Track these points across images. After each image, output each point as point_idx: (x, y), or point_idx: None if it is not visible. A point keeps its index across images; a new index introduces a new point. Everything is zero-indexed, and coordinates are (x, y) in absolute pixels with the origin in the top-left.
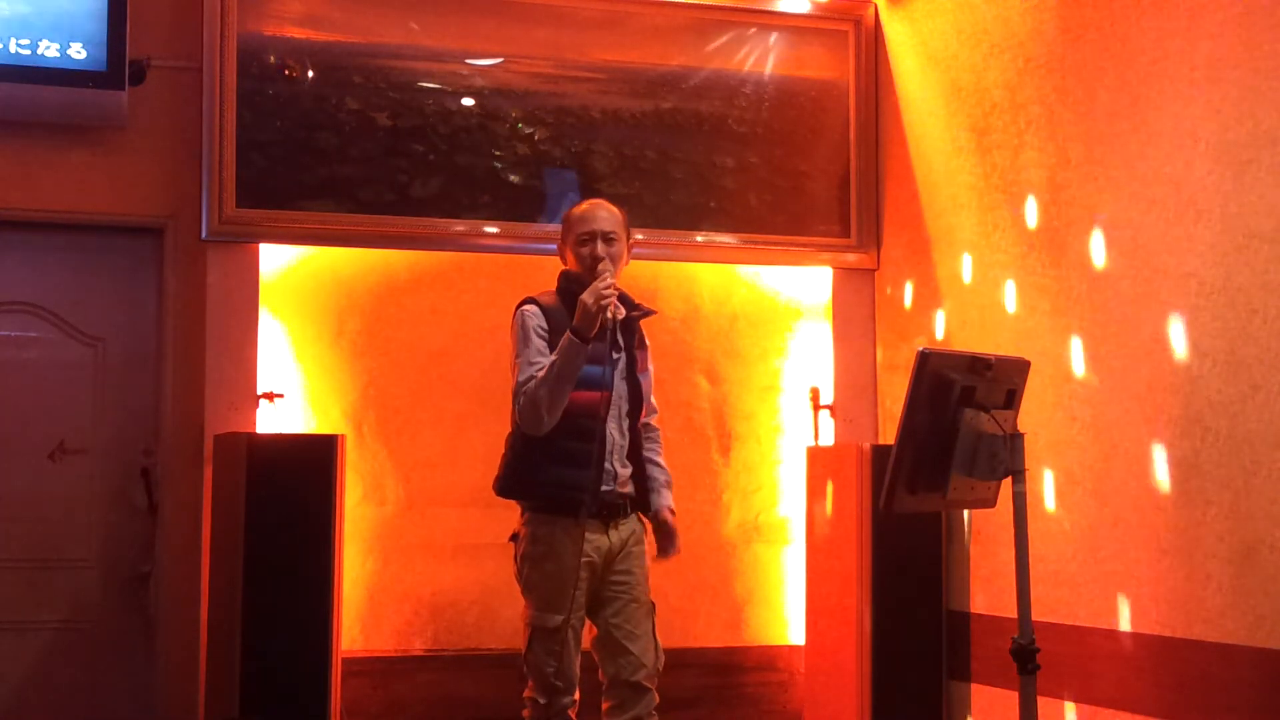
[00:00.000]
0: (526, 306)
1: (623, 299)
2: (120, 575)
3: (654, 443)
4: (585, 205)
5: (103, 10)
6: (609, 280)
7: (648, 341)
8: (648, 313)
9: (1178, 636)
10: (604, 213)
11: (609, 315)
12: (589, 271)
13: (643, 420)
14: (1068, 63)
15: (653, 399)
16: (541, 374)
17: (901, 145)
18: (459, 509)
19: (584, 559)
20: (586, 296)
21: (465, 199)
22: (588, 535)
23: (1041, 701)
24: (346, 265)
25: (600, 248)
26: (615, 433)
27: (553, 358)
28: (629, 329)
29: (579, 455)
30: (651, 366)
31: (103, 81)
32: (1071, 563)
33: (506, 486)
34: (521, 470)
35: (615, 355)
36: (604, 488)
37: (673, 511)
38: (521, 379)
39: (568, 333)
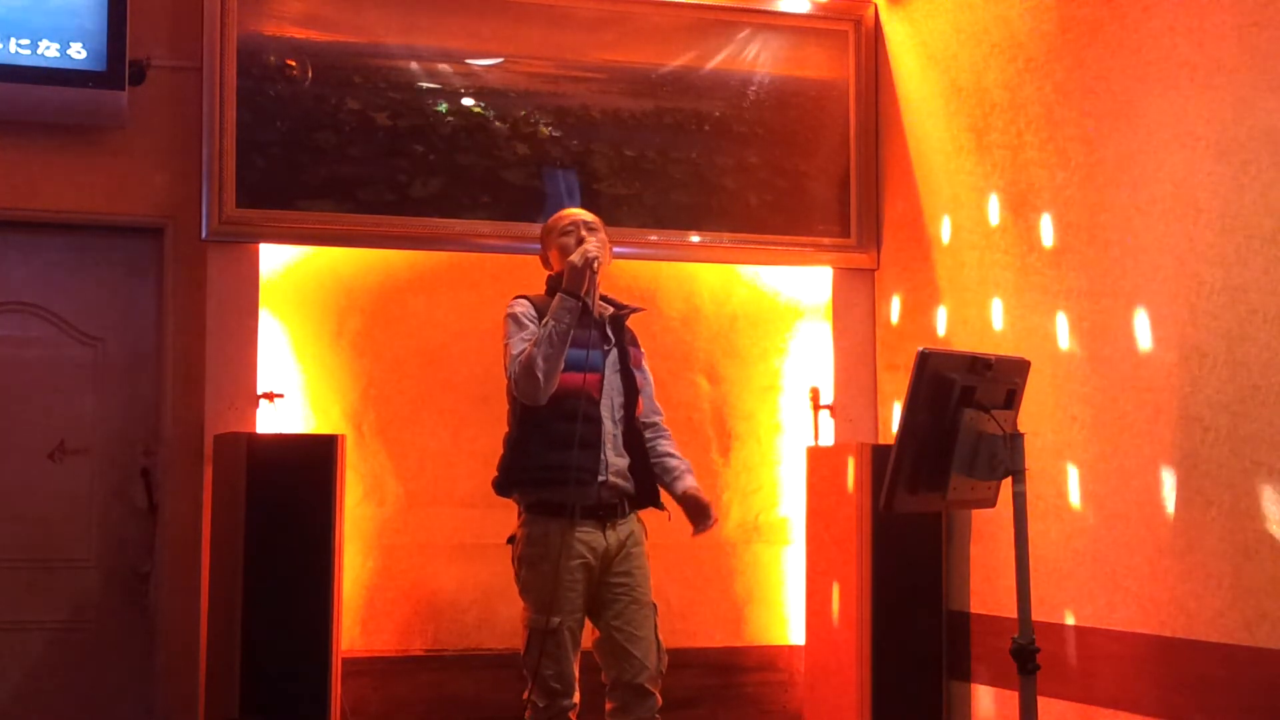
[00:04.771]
0: (516, 300)
1: (609, 301)
2: (120, 575)
3: (667, 439)
4: (564, 211)
5: (102, 10)
6: (595, 244)
7: (640, 344)
8: (634, 309)
9: (1178, 636)
10: (582, 210)
11: (595, 269)
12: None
13: (650, 421)
14: (1068, 63)
15: (655, 401)
16: (535, 338)
17: (901, 145)
18: (459, 509)
19: (580, 560)
20: (574, 257)
21: (465, 199)
22: (584, 536)
23: (1041, 701)
24: (346, 265)
25: (585, 233)
26: (609, 423)
27: (547, 319)
28: (618, 325)
29: (569, 437)
30: (648, 367)
31: (103, 81)
32: (1071, 563)
33: (504, 480)
34: (516, 458)
35: (606, 348)
36: (600, 478)
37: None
38: (515, 352)
39: (559, 294)
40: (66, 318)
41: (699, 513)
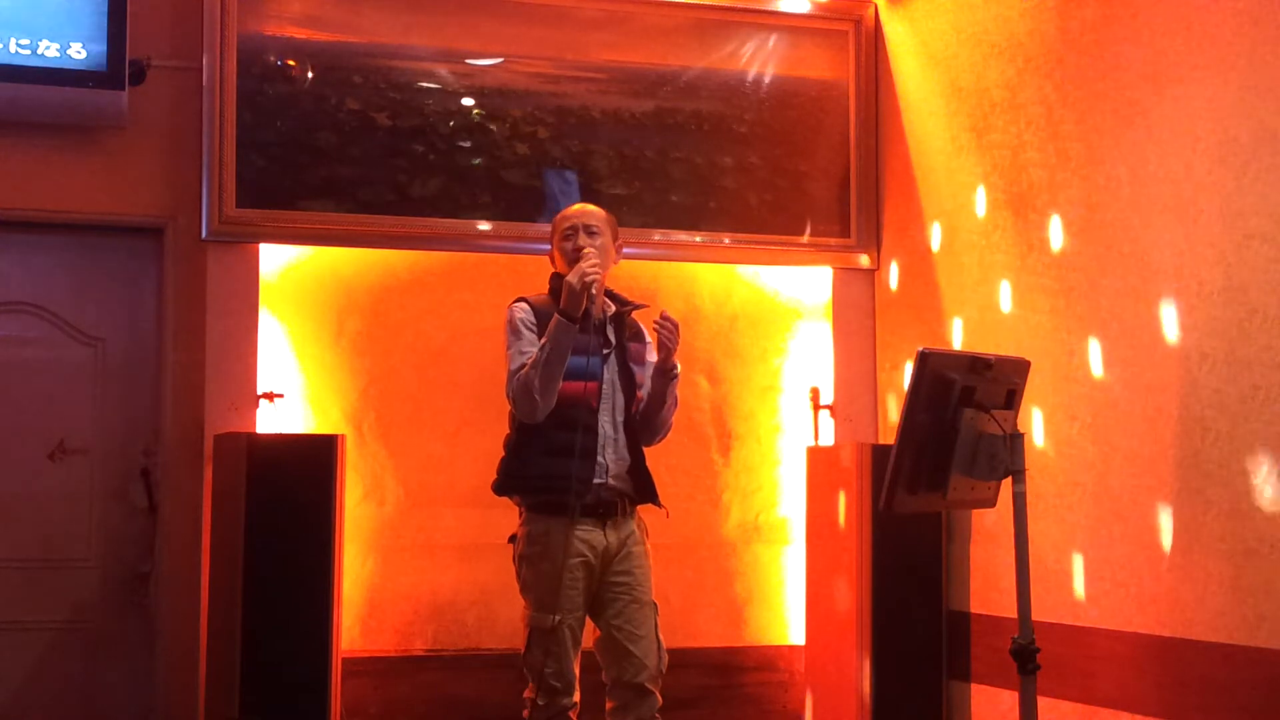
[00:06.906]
0: (516, 304)
1: (612, 297)
2: (120, 575)
3: None
4: (571, 207)
5: (103, 10)
6: (594, 261)
7: (648, 337)
8: (638, 306)
9: (1178, 636)
10: (587, 210)
11: (593, 293)
12: (574, 265)
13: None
14: (1067, 63)
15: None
16: (532, 358)
17: (901, 145)
18: (459, 509)
19: (579, 558)
20: (571, 277)
21: (465, 199)
22: (583, 534)
23: (1041, 701)
24: (346, 265)
25: (582, 239)
26: (608, 426)
27: (542, 340)
28: (620, 323)
29: (568, 446)
30: (653, 357)
31: (103, 81)
32: (1071, 563)
33: (502, 483)
34: (515, 465)
35: (606, 352)
36: (596, 480)
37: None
38: (514, 368)
39: (555, 315)
40: (66, 318)
41: (663, 356)
